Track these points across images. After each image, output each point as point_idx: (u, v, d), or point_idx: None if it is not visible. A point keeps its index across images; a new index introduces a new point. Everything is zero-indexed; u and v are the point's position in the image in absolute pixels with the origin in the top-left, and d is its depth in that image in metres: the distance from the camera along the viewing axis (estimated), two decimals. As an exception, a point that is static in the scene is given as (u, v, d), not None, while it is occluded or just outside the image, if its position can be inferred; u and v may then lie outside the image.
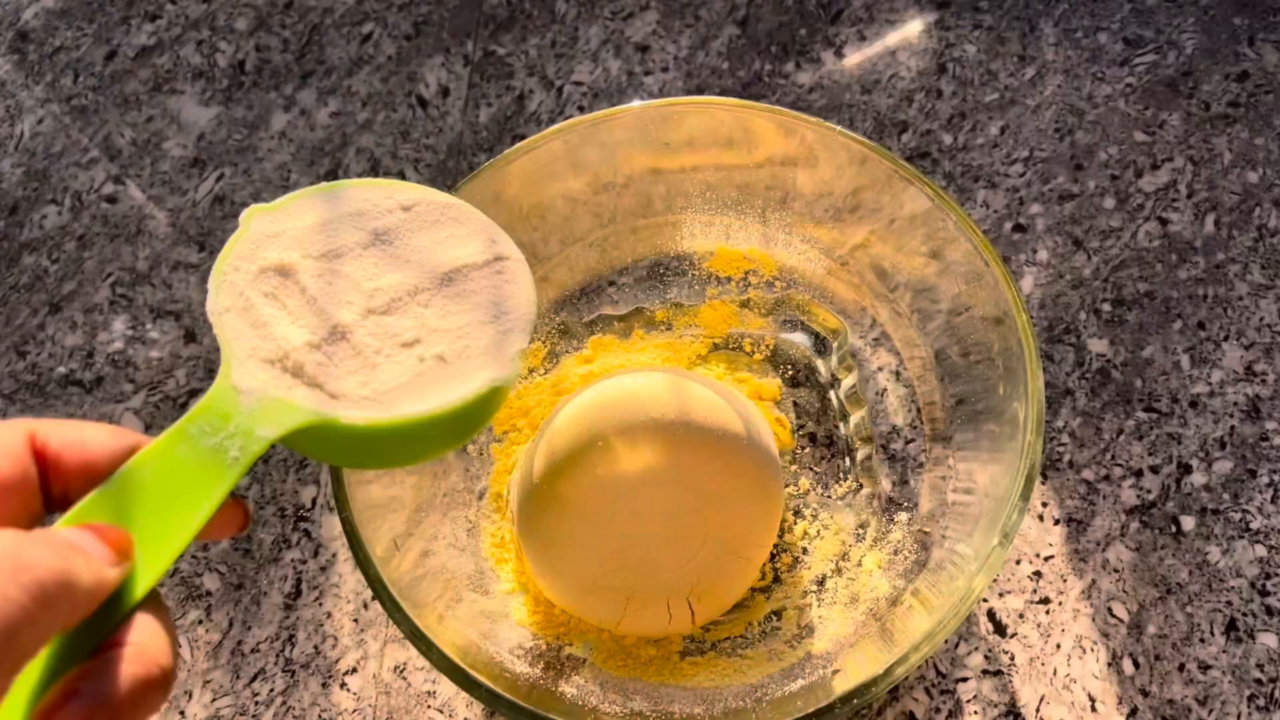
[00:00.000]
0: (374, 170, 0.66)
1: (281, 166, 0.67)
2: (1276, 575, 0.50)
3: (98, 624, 0.25)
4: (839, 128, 0.50)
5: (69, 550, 0.23)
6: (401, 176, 0.65)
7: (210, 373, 0.60)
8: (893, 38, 0.66)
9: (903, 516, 0.49)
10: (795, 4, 0.68)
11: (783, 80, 0.65)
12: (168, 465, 0.29)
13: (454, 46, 0.70)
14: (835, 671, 0.43)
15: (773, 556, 0.50)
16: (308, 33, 0.71)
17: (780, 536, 0.50)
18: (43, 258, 0.65)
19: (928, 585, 0.44)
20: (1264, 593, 0.49)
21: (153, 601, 0.27)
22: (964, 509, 0.46)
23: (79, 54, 0.73)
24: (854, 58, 0.66)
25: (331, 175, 0.66)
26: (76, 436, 0.28)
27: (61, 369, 0.62)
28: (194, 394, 0.60)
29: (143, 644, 0.25)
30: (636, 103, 0.51)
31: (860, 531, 0.50)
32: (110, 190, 0.67)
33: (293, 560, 0.55)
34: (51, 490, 0.28)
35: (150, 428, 0.59)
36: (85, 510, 0.27)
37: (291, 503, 0.56)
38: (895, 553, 0.48)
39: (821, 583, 0.49)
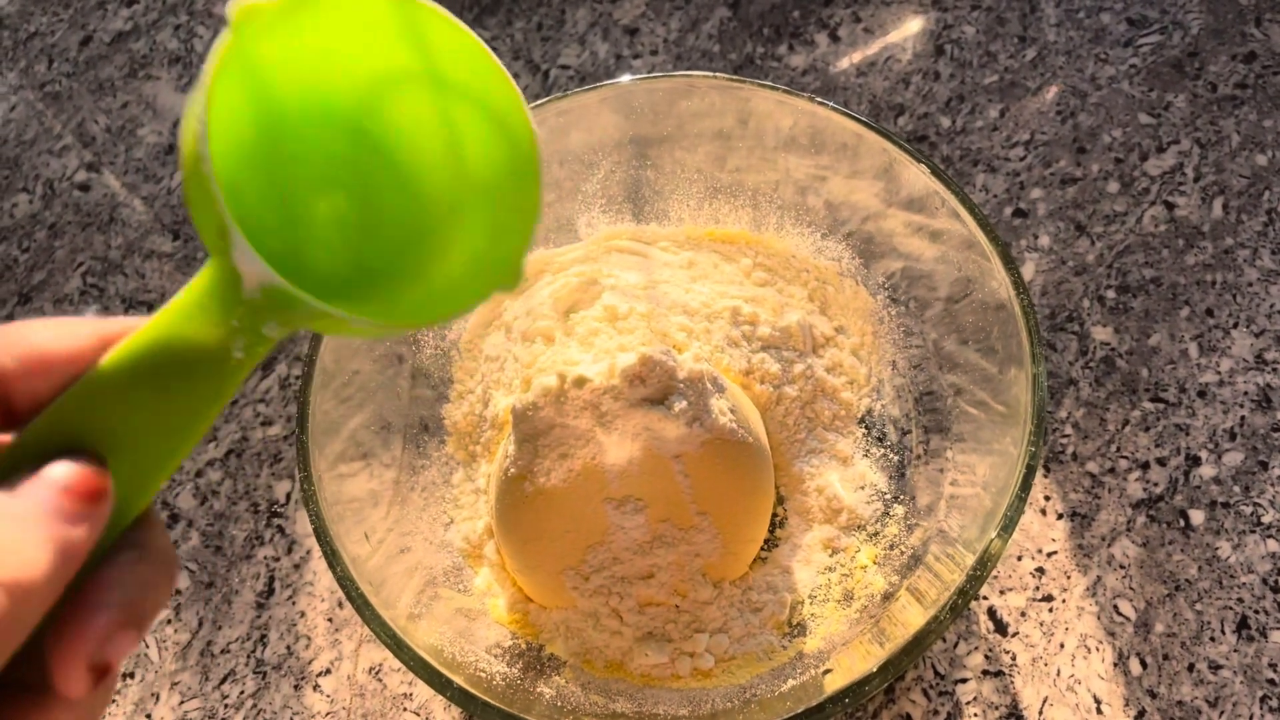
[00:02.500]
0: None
1: (259, 153, 0.64)
2: (1290, 571, 0.48)
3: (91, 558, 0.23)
4: (833, 105, 0.48)
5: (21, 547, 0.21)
6: (382, 162, 0.63)
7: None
8: (889, 19, 0.64)
9: (899, 510, 0.47)
10: (788, -15, 0.66)
11: (775, 63, 0.63)
12: (157, 362, 0.24)
13: (438, 30, 0.67)
14: (827, 671, 0.41)
15: (763, 549, 0.48)
16: (288, 17, 0.69)
17: (771, 531, 0.48)
18: (12, 247, 0.63)
19: (924, 581, 0.41)
20: (1276, 589, 0.47)
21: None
22: (962, 502, 0.44)
23: (54, 40, 0.71)
24: (849, 40, 0.64)
25: (310, 162, 0.64)
26: (22, 342, 0.23)
27: (30, 361, 0.60)
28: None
29: (148, 543, 0.24)
30: (626, 78, 0.49)
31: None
32: (83, 178, 0.65)
33: (265, 558, 0.53)
34: (14, 405, 0.24)
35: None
36: (47, 424, 0.23)
37: (265, 498, 0.54)
38: (890, 548, 0.46)
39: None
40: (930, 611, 0.37)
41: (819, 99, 0.48)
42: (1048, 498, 0.50)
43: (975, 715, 0.46)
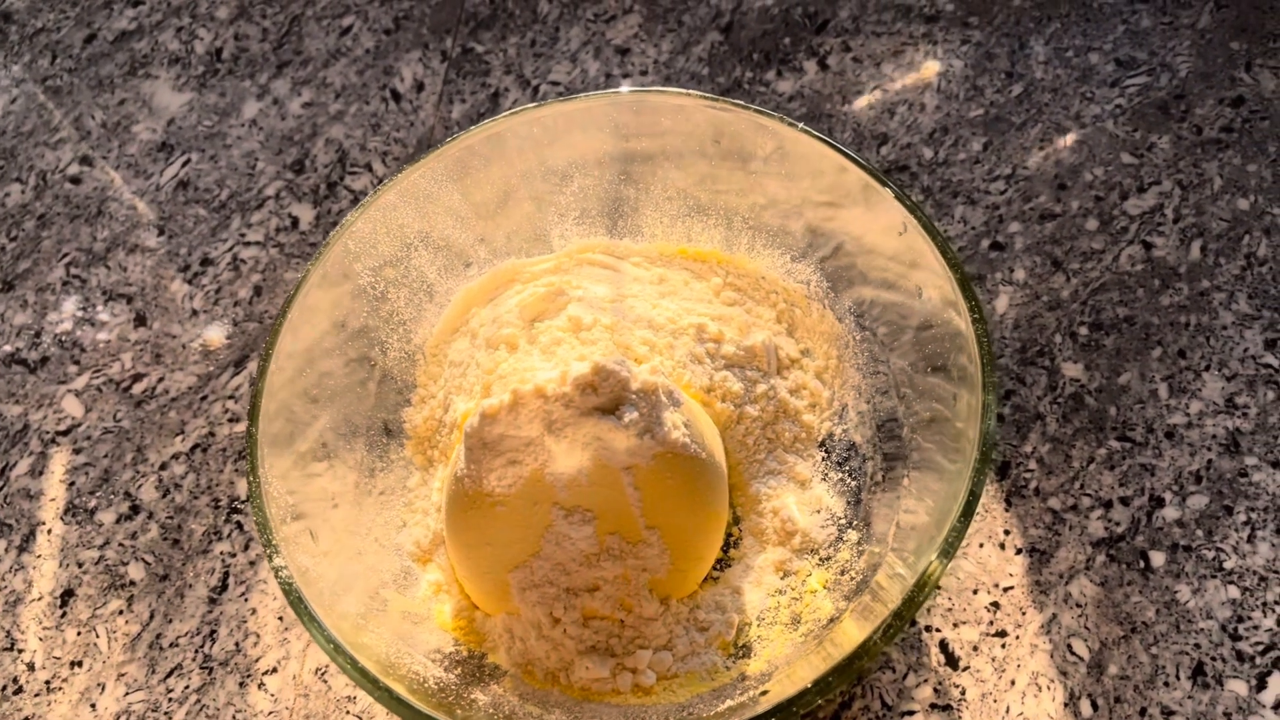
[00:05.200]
0: (341, 161, 0.64)
1: (249, 154, 0.65)
2: (1249, 619, 0.47)
3: None
4: (812, 130, 0.48)
5: None
6: (368, 169, 0.64)
7: (157, 358, 0.59)
8: (879, 50, 0.64)
9: (852, 535, 0.47)
10: (780, 13, 0.66)
11: (763, 88, 0.64)
12: None
13: (433, 42, 0.68)
14: (764, 693, 0.41)
15: (715, 568, 0.48)
16: (288, 23, 0.70)
17: (725, 551, 0.48)
18: (0, 235, 0.64)
19: (867, 605, 0.41)
20: (1235, 636, 0.46)
21: None
22: (910, 528, 0.43)
23: (59, 36, 0.72)
24: (837, 68, 0.64)
25: (298, 165, 0.64)
26: None
27: (7, 347, 0.60)
28: (138, 379, 0.58)
29: None
30: (605, 91, 0.50)
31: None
32: (75, 171, 0.66)
33: (222, 553, 0.53)
34: None
35: (90, 410, 0.57)
36: None
37: (226, 494, 0.54)
38: (841, 573, 0.46)
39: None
40: (865, 631, 0.37)
41: (790, 120, 0.48)
42: (1007, 532, 0.49)
43: (919, 748, 0.45)
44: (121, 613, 0.52)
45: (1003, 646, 0.47)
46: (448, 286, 0.53)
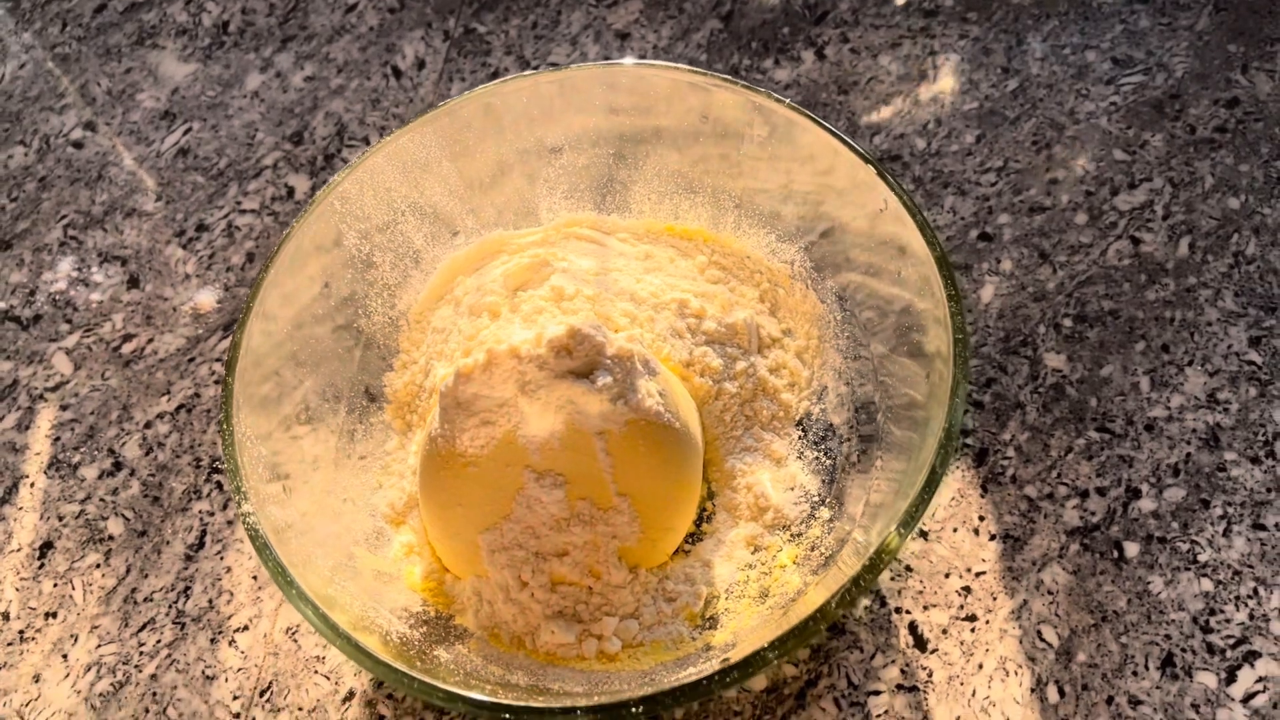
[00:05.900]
0: (339, 135, 0.65)
1: (249, 125, 0.66)
2: (1222, 612, 0.46)
3: None
4: (799, 107, 0.48)
5: None
6: (366, 143, 0.64)
7: (148, 319, 0.59)
8: (876, 41, 0.64)
9: (824, 513, 0.47)
10: (781, 2, 0.67)
11: (760, 76, 0.64)
12: None
13: (436, 22, 0.69)
14: (725, 660, 0.40)
15: (687, 542, 0.48)
16: (294, -1, 0.71)
17: (697, 524, 0.48)
18: (1, 196, 0.65)
19: (830, 578, 0.41)
20: (1206, 629, 0.46)
21: None
22: (878, 505, 0.43)
23: (70, 5, 0.73)
24: (834, 58, 0.64)
25: (297, 137, 0.65)
26: None
27: (1, 304, 0.61)
28: (128, 339, 0.59)
29: None
30: (598, 63, 0.50)
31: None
32: (78, 135, 0.67)
33: (200, 511, 0.53)
34: None
35: (79, 368, 0.58)
36: None
37: (208, 454, 0.55)
38: (812, 549, 0.46)
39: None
40: (821, 598, 0.37)
41: (779, 97, 0.48)
42: (982, 518, 0.49)
43: (882, 726, 0.45)
44: (98, 566, 0.52)
45: (972, 631, 0.47)
46: (434, 254, 0.53)
